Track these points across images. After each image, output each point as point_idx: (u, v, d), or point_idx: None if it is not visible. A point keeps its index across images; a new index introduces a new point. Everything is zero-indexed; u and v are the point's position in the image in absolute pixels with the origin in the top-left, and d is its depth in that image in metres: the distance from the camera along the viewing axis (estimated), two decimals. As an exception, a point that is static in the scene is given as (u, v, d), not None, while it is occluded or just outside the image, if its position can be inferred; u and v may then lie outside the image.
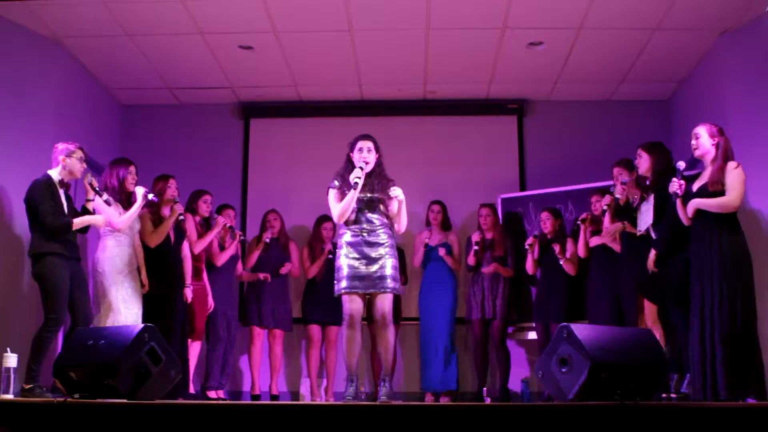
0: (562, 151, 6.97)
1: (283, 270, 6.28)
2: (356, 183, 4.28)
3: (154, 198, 5.18)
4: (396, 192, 4.32)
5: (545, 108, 7.17)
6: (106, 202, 4.97)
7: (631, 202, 5.03)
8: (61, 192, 4.71)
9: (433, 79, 6.76)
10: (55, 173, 4.72)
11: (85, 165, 4.85)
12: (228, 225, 5.95)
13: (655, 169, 4.78)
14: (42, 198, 4.58)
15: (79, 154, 4.78)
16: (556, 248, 5.84)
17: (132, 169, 5.19)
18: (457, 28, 5.84)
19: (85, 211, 4.80)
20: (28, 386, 4.41)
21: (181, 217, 5.37)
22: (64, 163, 4.73)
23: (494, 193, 6.84)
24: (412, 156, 6.85)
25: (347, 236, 4.36)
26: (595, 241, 5.53)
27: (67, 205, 4.73)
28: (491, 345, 6.21)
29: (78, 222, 4.69)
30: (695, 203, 4.27)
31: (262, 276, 6.18)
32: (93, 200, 4.83)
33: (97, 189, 4.87)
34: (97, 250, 5.09)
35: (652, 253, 4.75)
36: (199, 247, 5.72)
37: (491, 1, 5.45)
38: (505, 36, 5.94)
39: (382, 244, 4.34)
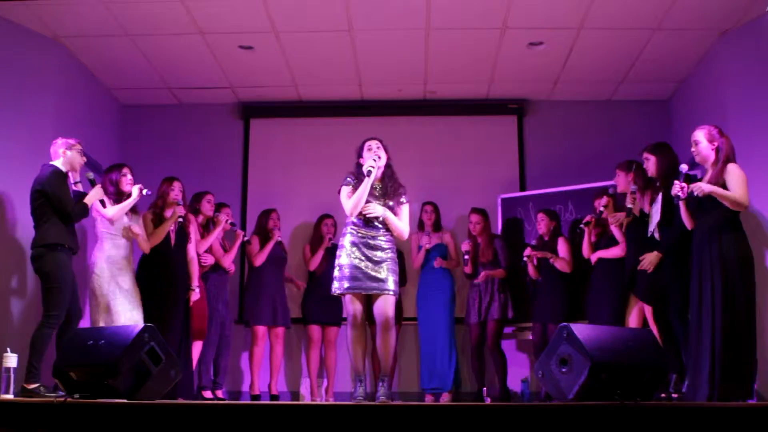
0: (562, 151, 6.98)
1: (288, 273, 6.40)
2: (370, 171, 4.29)
3: (148, 192, 5.20)
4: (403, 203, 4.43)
5: (545, 108, 7.17)
6: (101, 202, 4.99)
7: (643, 208, 5.01)
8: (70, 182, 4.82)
9: (433, 79, 6.75)
10: (58, 164, 4.78)
11: (84, 158, 4.93)
12: (230, 222, 5.98)
13: (661, 169, 4.76)
14: (59, 187, 4.66)
15: (78, 147, 4.87)
16: (552, 259, 5.87)
17: (125, 170, 5.21)
18: (457, 28, 5.84)
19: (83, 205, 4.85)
20: (30, 386, 4.41)
21: (180, 220, 5.38)
22: (65, 156, 4.79)
23: (494, 193, 6.84)
24: (412, 156, 6.82)
25: (350, 236, 4.35)
26: (594, 258, 5.52)
27: None
28: (486, 349, 6.20)
29: (88, 200, 4.79)
30: (709, 189, 4.19)
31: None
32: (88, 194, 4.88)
33: (96, 185, 4.92)
34: (94, 251, 5.10)
35: (654, 255, 4.74)
36: (202, 248, 5.74)
37: (491, 1, 5.46)
38: (505, 36, 5.94)
39: (385, 248, 4.34)
